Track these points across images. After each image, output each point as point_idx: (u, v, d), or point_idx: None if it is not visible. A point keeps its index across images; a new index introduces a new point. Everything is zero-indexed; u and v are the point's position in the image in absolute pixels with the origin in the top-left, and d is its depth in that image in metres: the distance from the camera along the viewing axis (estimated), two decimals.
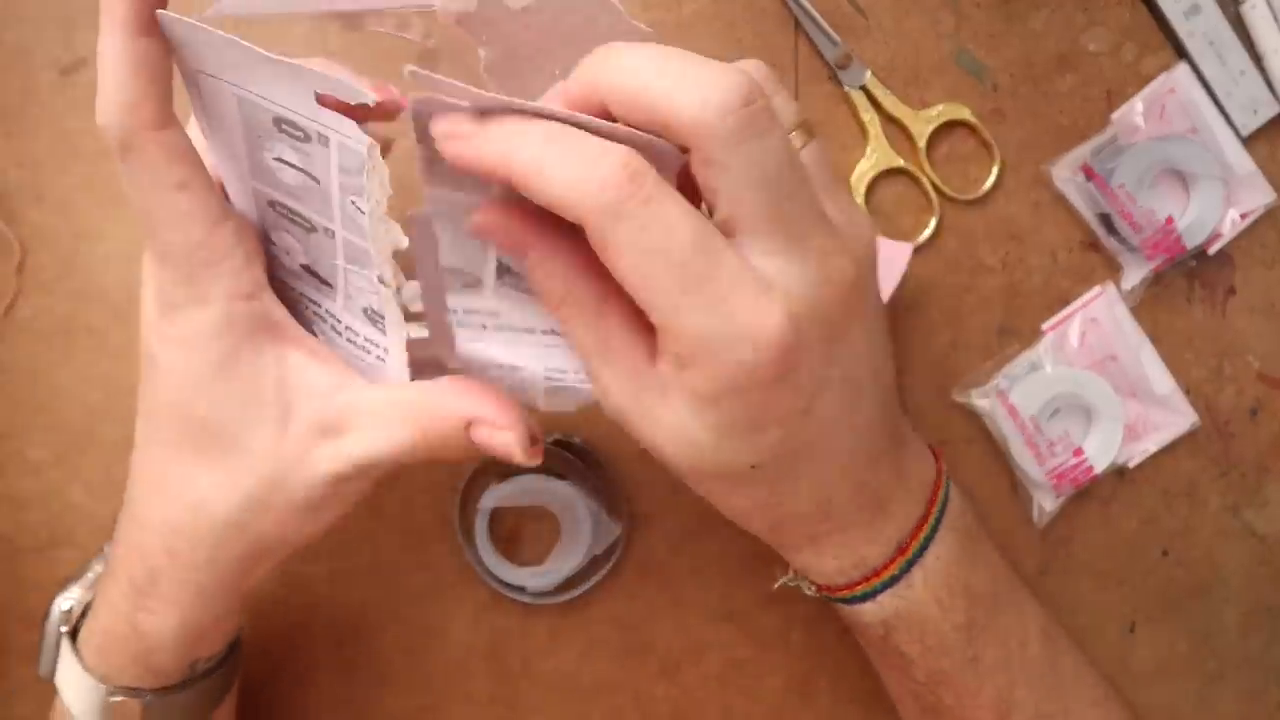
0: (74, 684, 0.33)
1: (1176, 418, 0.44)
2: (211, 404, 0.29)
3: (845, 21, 0.43)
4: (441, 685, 0.43)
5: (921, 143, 0.43)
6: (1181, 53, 0.43)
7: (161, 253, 0.29)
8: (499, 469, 0.43)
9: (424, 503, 0.43)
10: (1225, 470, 0.45)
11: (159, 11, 0.27)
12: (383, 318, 0.31)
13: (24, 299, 0.42)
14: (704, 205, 0.28)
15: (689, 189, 0.27)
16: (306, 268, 0.32)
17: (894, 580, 0.33)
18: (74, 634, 0.34)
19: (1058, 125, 0.44)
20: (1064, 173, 0.43)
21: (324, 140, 0.28)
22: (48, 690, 0.35)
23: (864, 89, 0.43)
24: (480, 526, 0.42)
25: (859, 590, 0.33)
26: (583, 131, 0.26)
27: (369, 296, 0.31)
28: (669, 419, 0.28)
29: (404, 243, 0.29)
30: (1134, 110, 0.43)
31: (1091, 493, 0.45)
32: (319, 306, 0.33)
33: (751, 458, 0.28)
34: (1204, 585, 0.45)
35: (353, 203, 0.29)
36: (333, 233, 0.30)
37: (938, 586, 0.33)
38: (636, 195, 0.24)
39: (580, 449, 0.43)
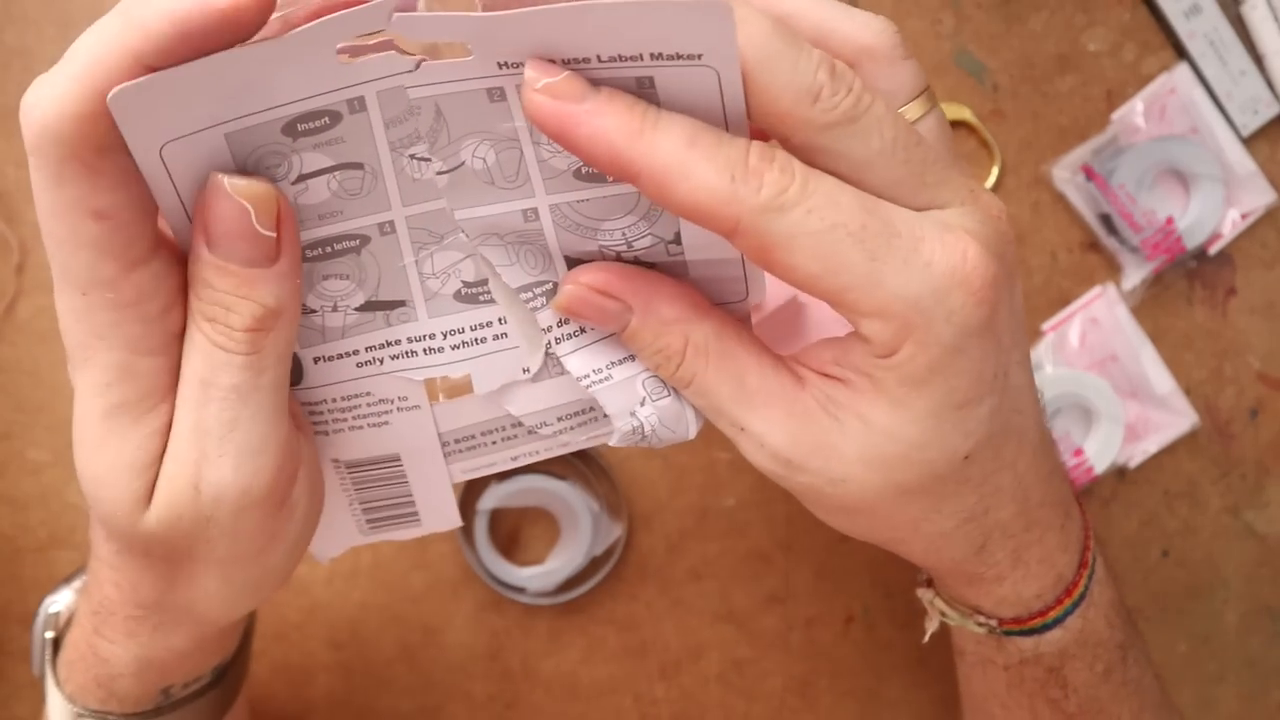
0: (52, 696, 0.32)
1: (1177, 418, 0.44)
2: (90, 459, 0.25)
3: None
4: (441, 685, 0.43)
5: None
6: (1181, 53, 0.43)
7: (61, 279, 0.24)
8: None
9: None
10: (1225, 471, 0.45)
11: (109, 97, 0.22)
12: (484, 283, 0.28)
13: (24, 299, 0.42)
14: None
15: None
16: (368, 304, 0.28)
17: (1083, 596, 0.29)
18: (58, 641, 0.32)
19: (1058, 125, 0.44)
20: (1064, 173, 0.43)
21: (358, 104, 0.25)
22: None
23: None
24: (480, 526, 0.42)
25: (1053, 614, 0.29)
26: (711, 126, 0.23)
27: (458, 271, 0.28)
28: (855, 438, 0.25)
29: (490, 157, 0.25)
30: (1134, 110, 0.43)
31: (1091, 493, 0.45)
32: (395, 345, 0.29)
33: (966, 444, 0.25)
34: (1204, 585, 0.45)
35: (412, 157, 0.26)
36: (392, 224, 0.27)
37: (1108, 602, 0.30)
38: (794, 181, 0.22)
39: (580, 449, 0.43)
